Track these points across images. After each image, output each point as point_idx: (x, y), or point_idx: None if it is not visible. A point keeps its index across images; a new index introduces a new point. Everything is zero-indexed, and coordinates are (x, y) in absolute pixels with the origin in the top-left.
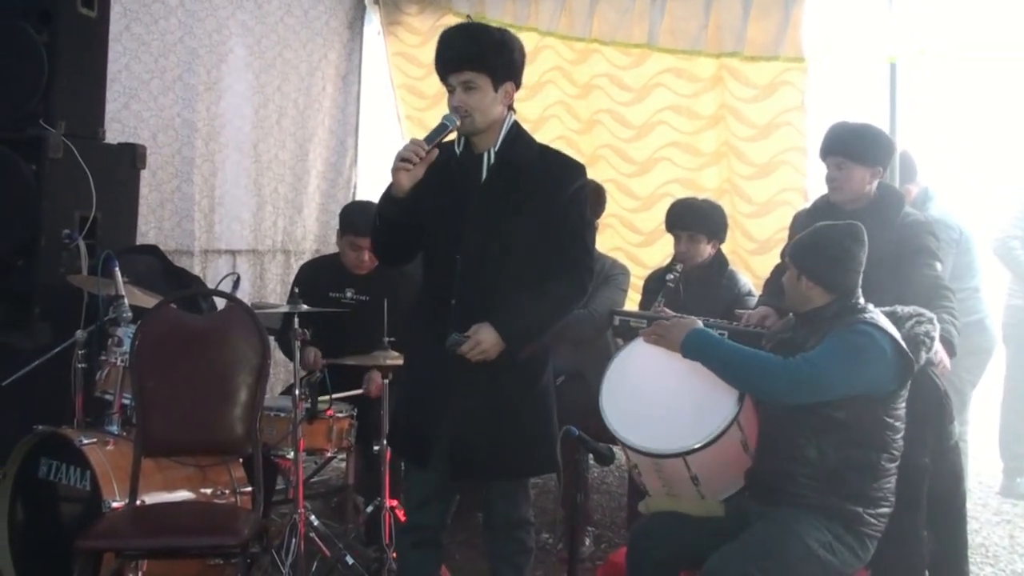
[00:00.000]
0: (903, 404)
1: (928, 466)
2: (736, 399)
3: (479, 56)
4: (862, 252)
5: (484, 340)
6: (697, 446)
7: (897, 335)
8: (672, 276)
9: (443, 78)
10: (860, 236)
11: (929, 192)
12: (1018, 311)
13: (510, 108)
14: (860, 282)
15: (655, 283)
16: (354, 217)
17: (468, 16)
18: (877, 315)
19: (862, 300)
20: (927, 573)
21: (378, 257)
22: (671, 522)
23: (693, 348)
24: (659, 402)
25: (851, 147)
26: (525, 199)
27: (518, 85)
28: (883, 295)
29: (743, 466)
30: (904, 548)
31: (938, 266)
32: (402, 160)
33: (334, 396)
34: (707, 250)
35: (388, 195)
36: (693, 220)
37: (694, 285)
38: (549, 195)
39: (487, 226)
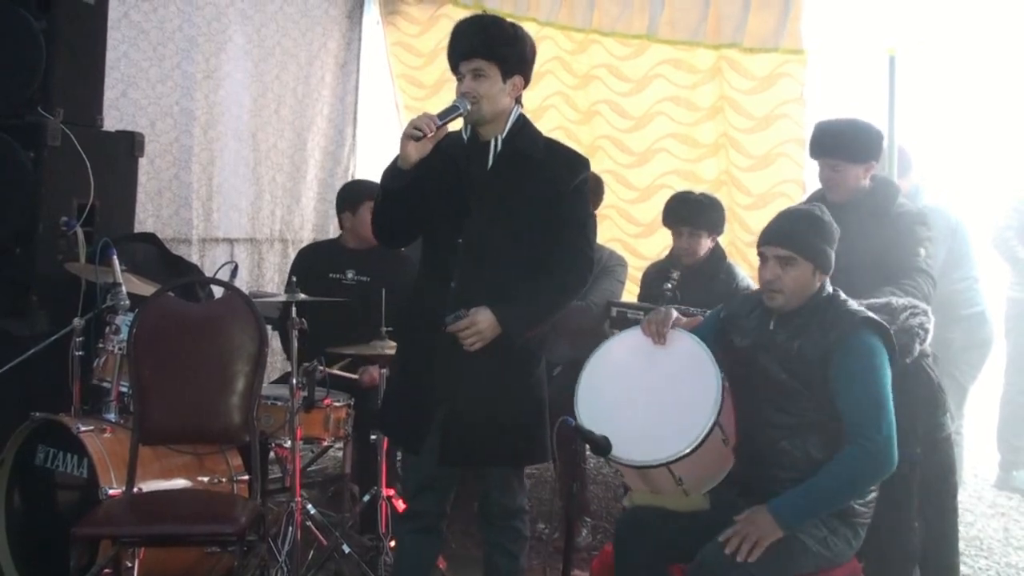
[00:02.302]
0: None
1: (919, 457)
2: (715, 399)
3: (490, 45)
4: None
5: (481, 322)
6: (682, 455)
7: (870, 315)
8: (670, 285)
9: (454, 68)
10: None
11: (918, 189)
12: (1018, 304)
13: (518, 101)
14: None
15: (654, 276)
16: (366, 184)
17: (467, 5)
18: (851, 301)
19: (829, 285)
20: (918, 564)
21: (377, 235)
22: (655, 517)
23: (789, 526)
24: (637, 407)
25: (845, 148)
26: (529, 188)
27: (527, 80)
28: (878, 286)
29: (724, 459)
30: (895, 539)
31: (921, 252)
32: (414, 128)
33: (330, 371)
34: (707, 244)
35: (393, 167)
36: (694, 216)
37: (692, 279)
38: (553, 186)
39: (491, 212)
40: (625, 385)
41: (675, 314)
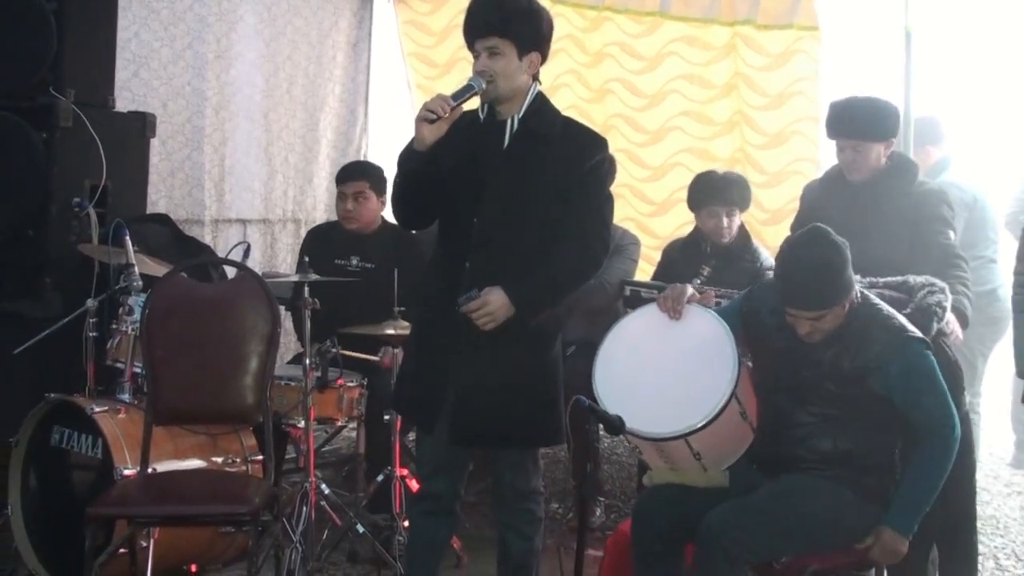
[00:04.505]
0: None
1: None
2: (731, 372)
3: (505, 22)
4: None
5: (493, 302)
6: (698, 426)
7: (908, 328)
8: (700, 281)
9: (470, 45)
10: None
11: (948, 160)
12: None
13: (535, 79)
14: None
15: (678, 254)
16: (340, 171)
17: None
18: (881, 304)
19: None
20: (935, 542)
21: (396, 217)
22: (675, 494)
23: (912, 528)
24: (653, 381)
25: (867, 128)
26: (546, 167)
27: (544, 57)
28: (897, 264)
29: (743, 433)
30: None
31: (951, 235)
32: (428, 111)
33: (346, 354)
34: (738, 222)
35: (409, 148)
36: (732, 193)
37: (720, 261)
38: (569, 165)
39: (507, 191)
40: (642, 360)
41: (691, 290)
